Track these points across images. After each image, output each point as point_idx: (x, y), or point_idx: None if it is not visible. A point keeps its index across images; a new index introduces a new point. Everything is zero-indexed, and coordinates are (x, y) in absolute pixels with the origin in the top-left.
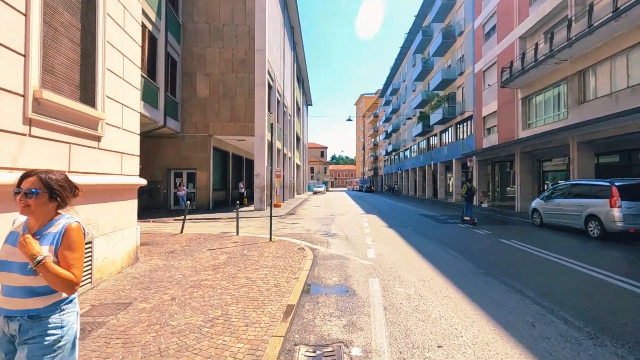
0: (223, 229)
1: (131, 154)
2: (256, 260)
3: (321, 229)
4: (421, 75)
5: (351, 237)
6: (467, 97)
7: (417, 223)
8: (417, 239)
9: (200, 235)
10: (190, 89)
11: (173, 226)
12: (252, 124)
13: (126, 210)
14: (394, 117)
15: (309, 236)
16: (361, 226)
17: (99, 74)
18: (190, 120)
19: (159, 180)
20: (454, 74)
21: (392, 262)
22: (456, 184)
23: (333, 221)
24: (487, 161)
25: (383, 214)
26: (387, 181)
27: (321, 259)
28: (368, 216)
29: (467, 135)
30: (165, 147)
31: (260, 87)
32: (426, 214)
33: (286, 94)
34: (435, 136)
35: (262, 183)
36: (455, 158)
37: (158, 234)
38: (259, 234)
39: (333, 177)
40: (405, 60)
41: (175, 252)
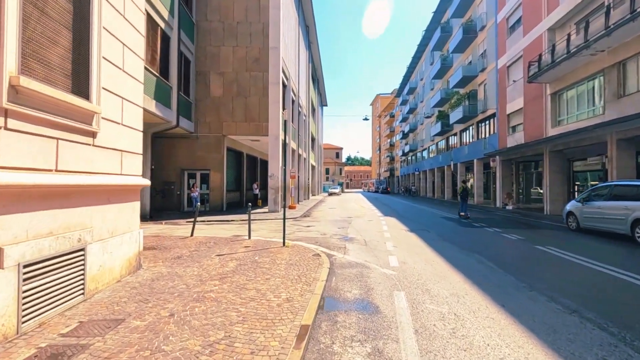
0: (235, 231)
1: (133, 152)
2: (267, 268)
3: (338, 232)
4: (440, 72)
5: (370, 242)
6: (489, 95)
7: (439, 227)
8: (442, 245)
9: (210, 239)
10: (204, 89)
11: (184, 228)
12: (266, 123)
13: (126, 213)
14: (411, 117)
15: (325, 241)
16: (380, 230)
17: (94, 63)
18: (203, 120)
19: (173, 181)
20: (475, 70)
21: (418, 272)
22: (477, 185)
23: (350, 224)
24: (512, 161)
25: (402, 216)
26: (404, 182)
27: (339, 267)
28: (387, 219)
29: (490, 134)
30: (178, 147)
31: (274, 85)
32: (448, 217)
33: (301, 94)
34: (454, 136)
35: (277, 184)
36: (477, 158)
37: (167, 237)
38: (272, 238)
39: (348, 178)
40: (423, 58)
41: (182, 257)
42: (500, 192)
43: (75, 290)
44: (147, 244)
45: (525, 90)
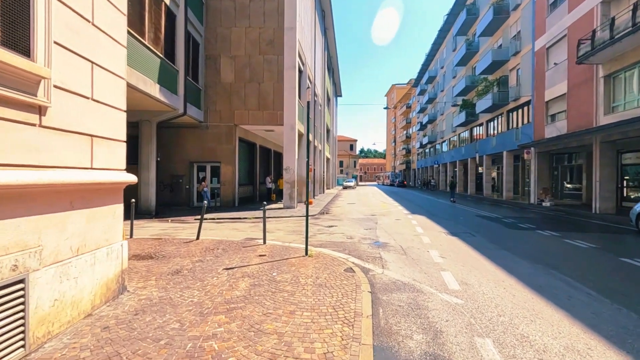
0: (248, 232)
1: (110, 138)
2: (290, 292)
3: (366, 235)
4: (464, 59)
5: (409, 250)
6: (523, 80)
7: (482, 228)
8: (501, 256)
9: (219, 243)
10: (214, 74)
11: (191, 228)
12: (281, 112)
13: (101, 222)
14: (429, 107)
15: (353, 247)
16: (415, 232)
17: (39, 4)
18: (214, 108)
19: (181, 174)
20: (506, 54)
21: (493, 301)
22: (507, 180)
23: (376, 224)
24: (549, 153)
25: (432, 214)
26: (421, 175)
27: (382, 290)
28: (416, 217)
29: (523, 124)
30: (187, 138)
31: (290, 70)
32: (485, 216)
33: (317, 82)
34: (480, 126)
35: (292, 178)
36: (507, 150)
37: (170, 241)
38: (290, 242)
39: (362, 171)
40: (444, 44)
41: (181, 272)
42: (536, 187)
43: (8, 343)
44: (144, 252)
45: (570, 73)
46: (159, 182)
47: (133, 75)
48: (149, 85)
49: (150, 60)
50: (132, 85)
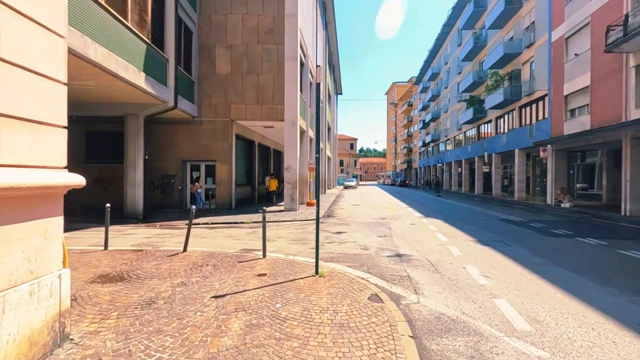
0: (245, 241)
1: (34, 120)
2: (302, 338)
3: (382, 244)
4: (471, 53)
5: (441, 266)
6: (538, 74)
7: (512, 235)
8: (557, 274)
9: (210, 257)
10: (209, 65)
11: (181, 235)
12: (281, 106)
13: (17, 247)
14: (432, 105)
15: (371, 261)
16: (438, 241)
17: None
18: (208, 102)
19: (173, 174)
20: (519, 47)
21: (591, 354)
22: (519, 179)
23: (390, 229)
24: (566, 151)
25: (448, 217)
26: (424, 175)
27: (427, 332)
28: (432, 221)
29: (538, 120)
30: (179, 134)
31: (291, 60)
32: (508, 219)
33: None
34: (488, 123)
35: (294, 178)
36: (519, 148)
37: (151, 253)
38: (295, 255)
39: (362, 170)
40: (448, 39)
41: (156, 303)
42: (553, 186)
43: None
44: (115, 270)
45: (594, 64)
46: (148, 183)
47: (112, 60)
48: (131, 72)
49: (133, 44)
50: (110, 71)
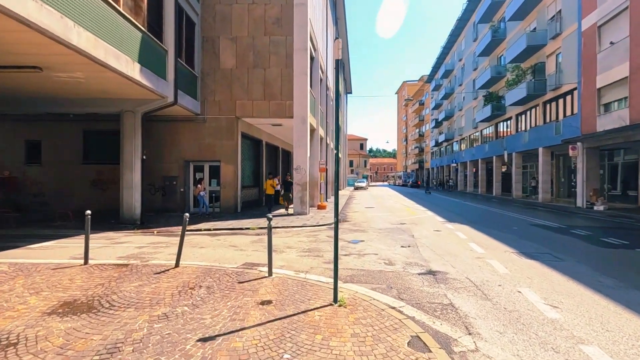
0: (249, 252)
1: None
2: None
3: (408, 257)
4: (488, 48)
5: (488, 288)
6: (566, 66)
7: (558, 245)
8: None
9: (205, 274)
10: (212, 59)
11: (186, 243)
12: (290, 102)
13: None
14: (445, 103)
15: (400, 281)
16: (473, 253)
17: None
18: (212, 98)
19: (175, 175)
20: (543, 38)
21: None
22: (543, 179)
23: (413, 237)
24: (599, 149)
25: (475, 222)
26: (436, 175)
27: None
28: (458, 227)
29: (565, 116)
30: (181, 133)
31: (300, 52)
32: (543, 225)
33: (329, 74)
34: (508, 120)
35: (304, 179)
36: (543, 146)
37: (136, 269)
38: (307, 272)
39: (372, 170)
40: (463, 34)
41: (120, 351)
42: (584, 187)
43: None
44: (87, 294)
45: (634, 53)
46: (148, 185)
47: (99, 47)
48: (124, 62)
49: (126, 31)
50: (97, 59)
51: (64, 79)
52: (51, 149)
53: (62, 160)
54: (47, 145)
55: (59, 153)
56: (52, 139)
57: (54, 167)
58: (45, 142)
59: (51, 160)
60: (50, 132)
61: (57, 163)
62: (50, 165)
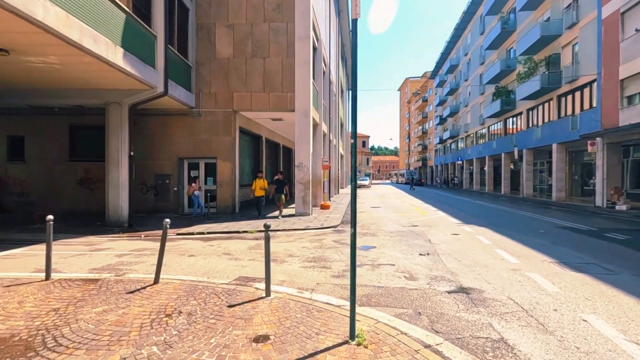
0: (245, 262)
1: None
2: None
3: (431, 269)
4: (497, 40)
5: (543, 316)
6: (584, 57)
7: (599, 252)
8: None
9: (188, 295)
10: (208, 48)
11: (168, 250)
12: (291, 94)
13: None
14: (450, 99)
15: (429, 304)
16: (505, 262)
17: None
18: (207, 90)
19: (168, 173)
20: (558, 28)
21: None
22: (558, 177)
23: (431, 242)
24: (620, 144)
25: (494, 224)
26: (440, 173)
27: None
28: (477, 230)
29: (583, 110)
30: (174, 128)
31: (302, 41)
32: (570, 227)
33: (332, 67)
34: (518, 116)
35: (307, 177)
36: (557, 142)
37: (107, 287)
38: (313, 290)
39: (375, 168)
40: (469, 28)
41: None
42: (605, 185)
43: None
44: (31, 327)
45: None
46: (140, 184)
47: (73, 26)
48: (103, 46)
49: (106, 10)
50: (70, 40)
51: (38, 65)
52: (35, 145)
53: (47, 157)
54: (30, 141)
55: (43, 149)
56: (36, 134)
57: (39, 164)
58: (29, 138)
59: (35, 157)
60: (34, 127)
61: (42, 160)
62: (34, 162)
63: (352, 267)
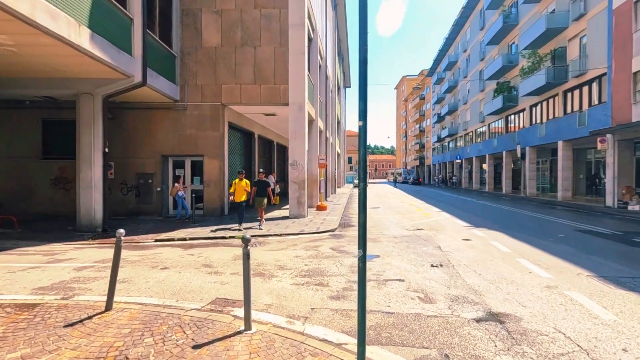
0: (226, 277)
1: None
2: None
3: (449, 286)
4: (499, 35)
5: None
6: (592, 49)
7: (634, 261)
8: None
9: (144, 327)
10: (194, 36)
11: (134, 264)
12: (284, 86)
13: None
14: (448, 97)
15: (456, 340)
16: (536, 277)
17: None
18: (193, 82)
19: (150, 172)
20: (564, 20)
21: None
22: (564, 176)
23: (441, 250)
24: (632, 141)
25: (506, 227)
26: (439, 172)
27: None
28: (489, 234)
29: (591, 105)
30: (158, 123)
31: (296, 28)
32: (591, 230)
33: (328, 61)
34: (520, 113)
35: (302, 176)
36: (563, 139)
37: (42, 318)
38: (306, 318)
39: (371, 168)
40: (468, 24)
41: None
42: (615, 184)
43: None
44: None
45: None
46: (119, 184)
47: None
48: (64, 24)
49: None
50: (19, 14)
51: None
52: (5, 141)
53: (18, 154)
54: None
55: (14, 146)
56: (5, 130)
57: (8, 162)
58: None
59: (5, 155)
60: (3, 122)
61: (12, 158)
62: (3, 160)
63: (360, 309)
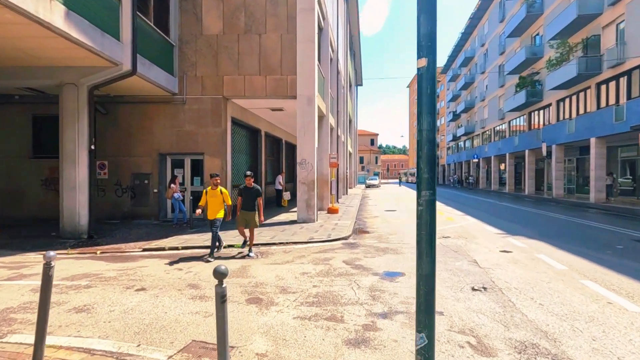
0: (211, 308)
1: None
2: None
3: (507, 326)
4: (521, 26)
5: None
6: (631, 37)
7: None
8: None
9: None
10: (193, 22)
11: (113, 281)
12: (292, 76)
13: None
14: (464, 94)
15: None
16: (623, 312)
17: None
18: (193, 73)
19: (147, 172)
20: (598, 6)
21: None
22: (597, 176)
23: (477, 264)
24: None
25: (547, 236)
26: (453, 172)
27: None
28: (531, 245)
29: (631, 98)
30: (155, 118)
31: (305, 13)
32: None
33: (339, 55)
34: (545, 109)
35: (311, 176)
36: (596, 136)
37: None
38: None
39: (384, 167)
40: (486, 16)
41: None
42: None
43: None
44: None
45: None
46: (113, 185)
47: None
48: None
49: None
50: None
51: None
52: None
53: (7, 153)
54: None
55: (2, 144)
56: None
57: None
58: None
59: None
60: None
61: (1, 157)
62: None
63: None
